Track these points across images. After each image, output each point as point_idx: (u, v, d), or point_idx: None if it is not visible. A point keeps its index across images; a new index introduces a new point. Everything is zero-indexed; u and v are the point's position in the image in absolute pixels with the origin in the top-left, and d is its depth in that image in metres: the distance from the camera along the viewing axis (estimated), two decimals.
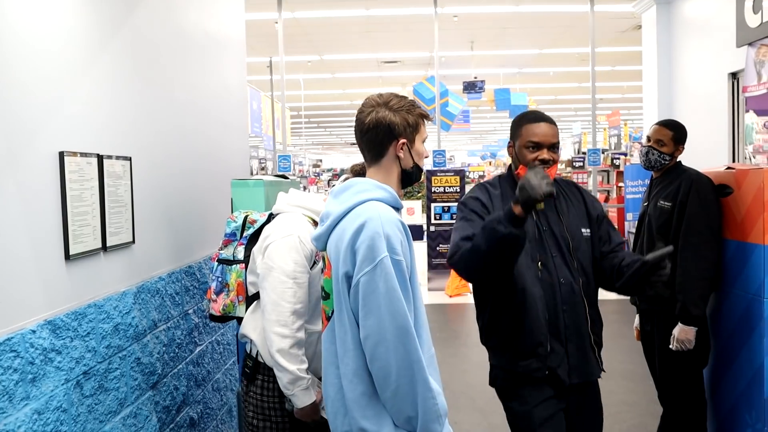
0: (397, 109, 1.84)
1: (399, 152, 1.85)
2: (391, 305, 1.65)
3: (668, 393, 3.31)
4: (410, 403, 1.66)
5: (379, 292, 1.65)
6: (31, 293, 1.97)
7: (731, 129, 8.31)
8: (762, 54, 7.32)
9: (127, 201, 2.60)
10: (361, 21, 11.18)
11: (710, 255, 3.08)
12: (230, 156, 4.15)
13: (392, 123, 1.83)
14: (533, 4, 10.49)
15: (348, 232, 1.72)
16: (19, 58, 1.95)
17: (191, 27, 3.48)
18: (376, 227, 1.68)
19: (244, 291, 2.41)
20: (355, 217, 1.73)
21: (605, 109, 21.79)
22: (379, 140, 1.84)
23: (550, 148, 2.42)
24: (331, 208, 1.82)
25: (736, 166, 3.15)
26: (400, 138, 1.84)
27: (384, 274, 1.65)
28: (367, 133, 1.85)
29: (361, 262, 1.67)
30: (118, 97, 2.59)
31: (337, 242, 1.75)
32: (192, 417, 3.17)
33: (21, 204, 1.93)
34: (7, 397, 1.78)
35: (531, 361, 2.44)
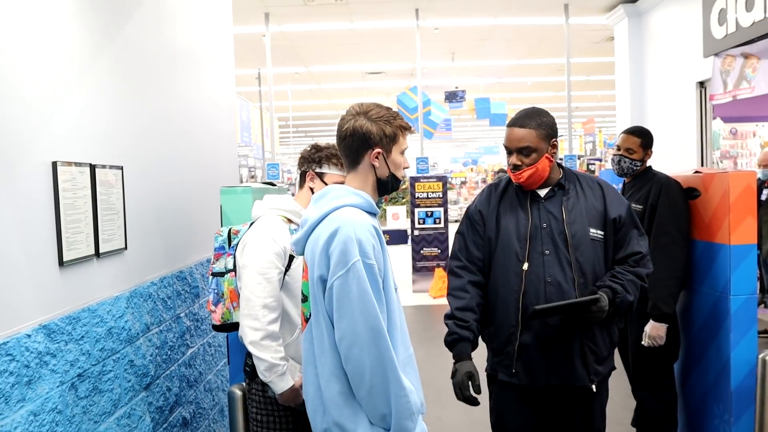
0: (375, 119, 1.83)
1: (374, 161, 1.84)
2: (364, 308, 1.66)
3: (641, 387, 3.35)
4: (384, 401, 1.68)
5: (352, 295, 1.66)
6: (26, 298, 1.97)
7: (699, 135, 8.41)
8: (727, 64, 7.42)
9: (119, 209, 2.60)
10: (346, 34, 11.20)
11: (679, 255, 3.12)
12: (219, 164, 4.14)
13: (368, 132, 1.82)
14: (511, 17, 10.57)
15: (322, 237, 1.73)
16: (12, 70, 1.95)
17: (181, 40, 3.49)
18: (348, 232, 1.69)
19: (237, 297, 2.45)
20: (329, 222, 1.74)
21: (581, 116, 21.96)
22: (355, 148, 1.84)
23: (518, 152, 2.38)
24: (310, 214, 1.84)
25: (703, 170, 3.20)
26: (375, 147, 1.83)
27: (356, 278, 1.66)
28: (344, 140, 1.85)
29: (335, 265, 1.68)
30: (109, 107, 2.59)
31: (313, 247, 1.77)
32: (184, 417, 3.16)
33: (15, 212, 1.93)
34: (4, 400, 1.77)
35: (502, 359, 2.43)
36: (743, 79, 7.20)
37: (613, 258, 2.43)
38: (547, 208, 2.41)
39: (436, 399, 4.54)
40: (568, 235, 2.35)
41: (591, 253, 2.36)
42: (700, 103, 8.38)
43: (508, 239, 2.40)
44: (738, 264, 2.88)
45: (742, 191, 2.89)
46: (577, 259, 2.34)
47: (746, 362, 2.89)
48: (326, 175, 2.48)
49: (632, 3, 9.72)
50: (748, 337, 2.90)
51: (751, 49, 7.02)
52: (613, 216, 2.40)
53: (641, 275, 2.41)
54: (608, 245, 2.41)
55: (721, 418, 2.99)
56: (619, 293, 2.32)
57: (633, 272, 2.39)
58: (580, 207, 2.41)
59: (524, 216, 2.40)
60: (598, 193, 2.45)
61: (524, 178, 2.39)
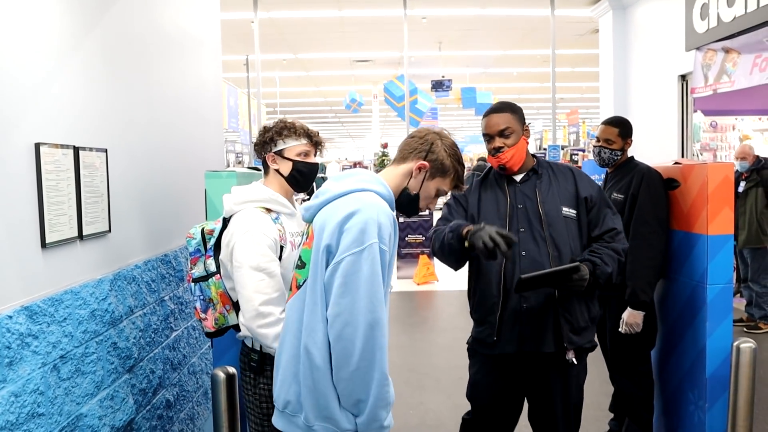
0: (446, 146, 1.89)
1: (416, 170, 1.87)
2: (371, 290, 1.64)
3: (619, 373, 3.37)
4: (364, 387, 1.64)
5: (361, 274, 1.63)
6: (8, 280, 1.93)
7: (681, 127, 8.46)
8: (709, 58, 7.45)
9: (103, 191, 2.56)
10: (334, 21, 11.11)
11: (658, 244, 3.14)
12: (205, 149, 4.10)
13: (433, 147, 1.88)
14: (498, 8, 10.54)
15: (341, 211, 1.70)
16: None
17: (167, 24, 3.43)
18: (371, 214, 1.67)
19: (229, 299, 2.29)
20: (352, 200, 1.72)
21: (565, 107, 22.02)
22: (413, 148, 1.88)
23: (500, 136, 2.54)
24: (330, 187, 1.81)
25: (683, 161, 3.22)
26: (426, 161, 1.87)
27: (370, 259, 1.64)
28: (413, 137, 1.91)
29: (350, 242, 1.65)
30: (94, 90, 2.55)
31: (327, 217, 1.73)
32: (168, 399, 3.14)
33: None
34: None
35: (484, 328, 2.56)
36: (724, 73, 7.24)
37: (589, 236, 2.60)
38: (522, 191, 2.59)
39: (419, 384, 4.56)
40: (541, 213, 2.53)
41: (564, 230, 2.53)
42: (681, 96, 8.42)
43: (488, 217, 2.54)
44: (715, 254, 2.90)
45: (720, 182, 2.91)
46: (550, 235, 2.51)
47: (721, 350, 2.92)
48: (285, 150, 2.31)
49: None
50: (723, 326, 2.93)
51: (732, 44, 7.06)
52: (584, 195, 2.58)
53: (618, 249, 2.57)
54: (581, 223, 2.58)
55: (696, 404, 3.02)
56: (599, 265, 2.48)
57: (610, 247, 2.55)
58: (552, 189, 2.59)
59: (503, 197, 2.59)
60: (570, 177, 2.64)
61: (508, 158, 2.54)
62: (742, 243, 6.17)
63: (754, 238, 6.11)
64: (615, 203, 3.29)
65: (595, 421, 3.98)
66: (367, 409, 1.66)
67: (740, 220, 6.10)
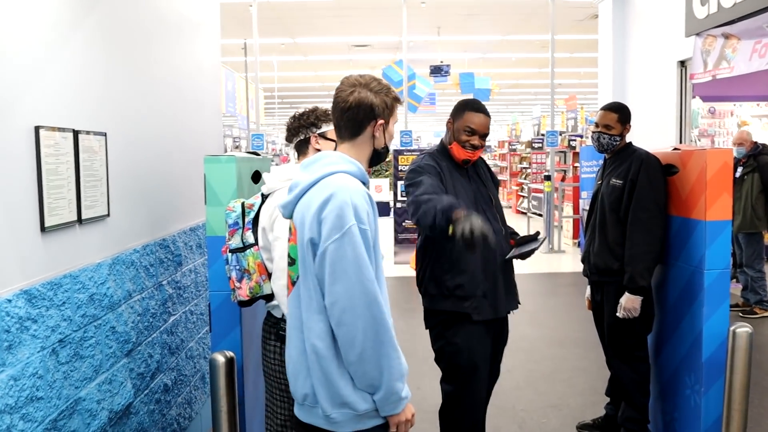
0: (377, 91, 1.86)
1: (376, 132, 1.87)
2: (359, 272, 1.66)
3: (615, 357, 3.39)
4: (375, 365, 1.67)
5: (347, 259, 1.65)
6: (7, 264, 1.92)
7: (679, 113, 8.44)
8: (708, 44, 7.41)
9: (102, 175, 2.54)
10: (332, 5, 11.03)
11: (656, 230, 3.14)
12: (204, 134, 4.08)
13: (373, 104, 1.84)
14: None
15: (315, 201, 1.72)
16: None
17: (165, 7, 3.40)
18: (344, 197, 1.68)
19: (265, 270, 2.42)
20: (323, 187, 1.73)
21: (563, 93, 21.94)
22: (359, 119, 1.84)
23: (482, 137, 2.85)
24: (300, 178, 1.82)
25: (682, 147, 3.21)
26: (378, 119, 1.86)
27: (352, 242, 1.66)
28: (349, 111, 1.84)
29: (330, 230, 1.67)
30: (93, 74, 2.52)
31: (304, 211, 1.75)
32: (166, 383, 3.15)
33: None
34: None
35: (472, 301, 2.78)
36: (723, 59, 7.21)
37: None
38: (472, 176, 2.91)
39: (417, 370, 4.57)
40: (492, 196, 2.94)
41: (501, 209, 2.98)
42: (680, 81, 8.39)
43: (461, 196, 2.76)
44: (713, 239, 2.90)
45: (719, 169, 2.90)
46: (499, 213, 2.92)
47: (718, 335, 2.93)
48: (328, 132, 2.51)
49: None
50: (720, 311, 2.93)
51: (732, 30, 7.02)
52: (496, 183, 3.07)
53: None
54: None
55: (693, 388, 3.03)
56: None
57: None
58: (486, 176, 3.00)
59: (465, 182, 2.87)
60: (486, 167, 3.07)
61: (476, 156, 2.89)
62: (737, 228, 6.18)
63: (749, 223, 6.13)
64: (613, 189, 3.29)
65: (592, 405, 4.01)
66: (382, 385, 1.69)
67: (736, 205, 6.11)
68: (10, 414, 1.85)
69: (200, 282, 3.78)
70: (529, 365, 4.89)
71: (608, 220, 3.28)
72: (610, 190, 3.30)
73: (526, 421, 3.88)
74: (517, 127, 24.52)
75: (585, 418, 3.78)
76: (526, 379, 4.58)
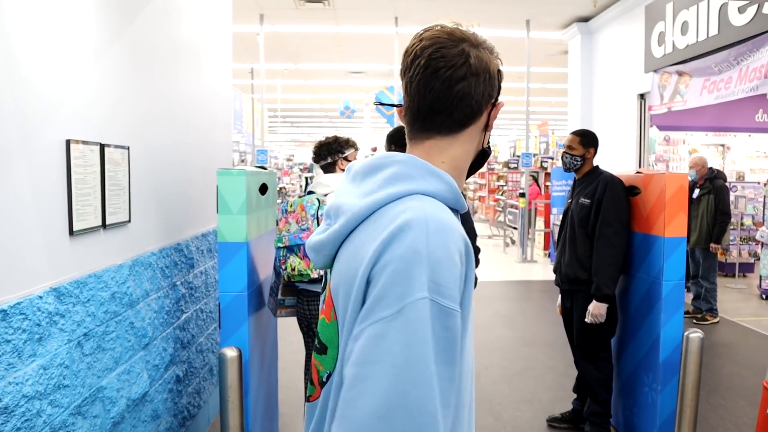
0: (492, 52, 0.99)
1: (492, 119, 1.01)
2: (412, 397, 0.75)
3: (582, 358, 3.41)
4: None
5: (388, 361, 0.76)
6: (39, 264, 1.91)
7: (638, 140, 8.54)
8: (664, 79, 7.52)
9: (125, 185, 2.54)
10: (332, 36, 11.07)
11: (620, 244, 3.17)
12: (215, 148, 4.08)
13: (499, 73, 0.99)
14: (479, 28, 10.52)
15: (368, 245, 0.85)
16: (33, 55, 1.88)
17: (185, 34, 3.40)
18: (416, 241, 0.81)
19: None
20: (386, 221, 0.86)
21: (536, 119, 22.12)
22: (478, 96, 0.95)
23: None
24: (345, 200, 0.94)
25: (644, 171, 3.25)
26: (496, 96, 1.01)
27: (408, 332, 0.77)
28: (464, 80, 0.93)
29: (377, 299, 0.80)
30: (119, 92, 2.52)
31: (349, 262, 0.88)
32: (178, 375, 3.12)
33: (31, 185, 1.87)
34: (17, 354, 1.73)
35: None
36: (677, 94, 7.31)
37: None
38: None
39: None
40: None
41: None
42: (640, 112, 8.50)
43: None
44: (670, 253, 2.94)
45: (676, 190, 2.94)
46: None
47: (673, 339, 2.96)
48: (349, 155, 2.73)
49: (585, 22, 9.78)
50: (676, 318, 2.97)
51: (685, 68, 7.13)
52: None
53: None
54: None
55: (650, 387, 3.06)
56: None
57: None
58: None
59: None
60: None
61: None
62: (693, 243, 6.24)
63: (704, 239, 6.19)
64: (582, 207, 3.32)
65: (560, 400, 4.02)
66: None
67: (693, 222, 6.18)
68: (39, 400, 1.83)
69: (210, 283, 3.76)
70: (504, 363, 4.90)
71: (578, 235, 3.31)
72: (579, 208, 3.34)
73: (501, 414, 3.89)
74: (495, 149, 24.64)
75: (554, 412, 3.79)
76: (501, 376, 4.59)
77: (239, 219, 2.64)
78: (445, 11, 9.43)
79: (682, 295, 3.00)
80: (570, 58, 10.43)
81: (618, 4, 8.63)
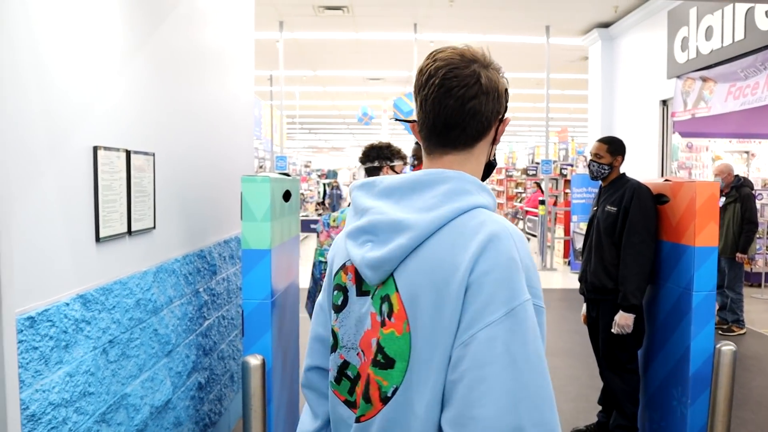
0: (500, 72, 1.07)
1: (499, 134, 1.07)
2: (540, 389, 0.86)
3: (608, 369, 3.34)
4: None
5: (515, 357, 0.85)
6: (66, 270, 1.91)
7: (661, 147, 8.42)
8: (688, 85, 7.41)
9: (150, 191, 2.54)
10: (351, 43, 11.10)
11: (648, 253, 3.11)
12: (238, 155, 4.08)
13: (506, 92, 1.06)
14: (498, 35, 10.52)
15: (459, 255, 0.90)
16: (61, 63, 1.89)
17: (209, 42, 3.41)
18: (510, 250, 0.89)
19: None
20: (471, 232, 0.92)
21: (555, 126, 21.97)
22: (488, 113, 1.02)
23: None
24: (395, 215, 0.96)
25: (672, 179, 3.18)
26: (503, 113, 1.07)
27: (524, 330, 0.86)
28: (475, 99, 1.00)
29: (485, 304, 0.87)
30: (144, 98, 2.53)
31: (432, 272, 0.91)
32: (200, 382, 3.11)
33: (59, 192, 1.87)
34: (44, 361, 1.72)
35: None
36: (701, 100, 7.20)
37: None
38: None
39: None
40: None
41: None
42: (662, 119, 8.39)
43: None
44: (701, 264, 2.87)
45: (707, 199, 2.88)
46: None
47: (704, 351, 2.88)
48: (396, 166, 2.66)
49: (606, 28, 9.69)
50: (706, 329, 2.89)
51: (709, 74, 7.02)
52: None
53: None
54: None
55: (679, 400, 2.98)
56: None
57: None
58: None
59: None
60: None
61: None
62: (719, 252, 6.12)
63: (730, 248, 6.07)
64: (608, 215, 3.26)
65: (584, 412, 3.94)
66: None
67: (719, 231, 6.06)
68: (65, 407, 1.82)
69: (232, 290, 3.75)
70: None
71: (604, 243, 3.26)
72: (605, 216, 3.28)
73: None
74: (513, 156, 24.52)
75: (578, 424, 3.72)
76: None
77: (263, 226, 2.63)
78: (464, 18, 9.41)
79: (713, 307, 2.93)
80: (590, 64, 10.34)
81: (639, 10, 8.54)
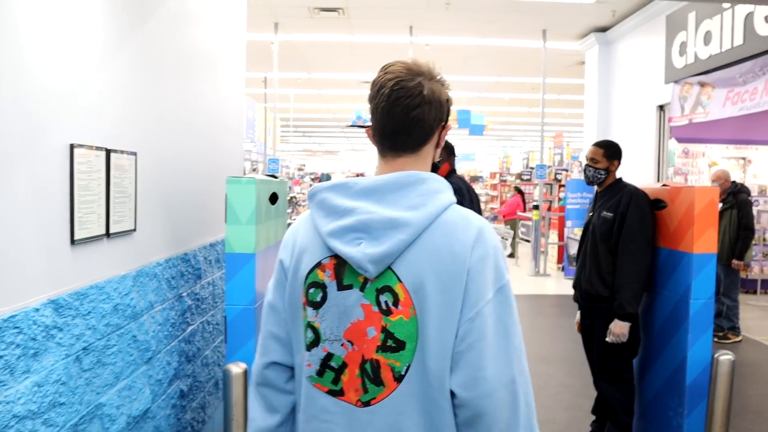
0: (443, 84, 1.22)
1: (441, 139, 1.23)
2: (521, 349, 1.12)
3: (602, 378, 3.27)
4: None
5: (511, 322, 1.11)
6: (37, 274, 1.83)
7: (657, 153, 8.38)
8: (685, 90, 7.38)
9: (131, 192, 2.45)
10: (346, 45, 11.04)
11: (644, 260, 3.04)
12: (227, 157, 4.00)
13: (447, 100, 1.22)
14: (495, 38, 10.48)
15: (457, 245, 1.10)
16: (34, 55, 1.80)
17: (199, 41, 3.34)
18: (494, 240, 1.13)
19: None
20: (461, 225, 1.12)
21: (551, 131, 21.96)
22: (431, 120, 1.18)
23: None
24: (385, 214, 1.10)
25: (670, 184, 3.12)
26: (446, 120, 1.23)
27: (510, 304, 1.12)
28: (419, 108, 1.16)
29: (484, 285, 1.09)
30: (128, 97, 2.45)
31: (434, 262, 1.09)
32: (182, 389, 3.02)
33: (31, 191, 1.79)
34: (9, 371, 1.64)
35: None
36: (699, 105, 7.16)
37: None
38: None
39: None
40: None
41: None
42: (659, 124, 8.35)
43: None
44: (699, 271, 2.80)
45: (706, 204, 2.82)
46: None
47: (701, 360, 2.82)
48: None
49: (603, 32, 9.66)
50: (704, 338, 2.83)
51: (707, 79, 6.99)
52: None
53: None
54: None
55: (675, 410, 2.91)
56: None
57: None
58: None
59: None
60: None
61: None
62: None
63: (726, 255, 6.02)
64: (604, 221, 3.19)
65: (578, 421, 3.87)
66: None
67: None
68: (32, 419, 1.73)
69: (217, 294, 3.67)
70: None
71: (599, 250, 3.19)
72: (601, 222, 3.21)
73: None
74: (508, 160, 24.51)
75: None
76: None
77: (248, 229, 2.55)
78: (460, 21, 9.36)
79: (711, 315, 2.86)
80: (587, 68, 10.31)
81: (637, 14, 8.51)
